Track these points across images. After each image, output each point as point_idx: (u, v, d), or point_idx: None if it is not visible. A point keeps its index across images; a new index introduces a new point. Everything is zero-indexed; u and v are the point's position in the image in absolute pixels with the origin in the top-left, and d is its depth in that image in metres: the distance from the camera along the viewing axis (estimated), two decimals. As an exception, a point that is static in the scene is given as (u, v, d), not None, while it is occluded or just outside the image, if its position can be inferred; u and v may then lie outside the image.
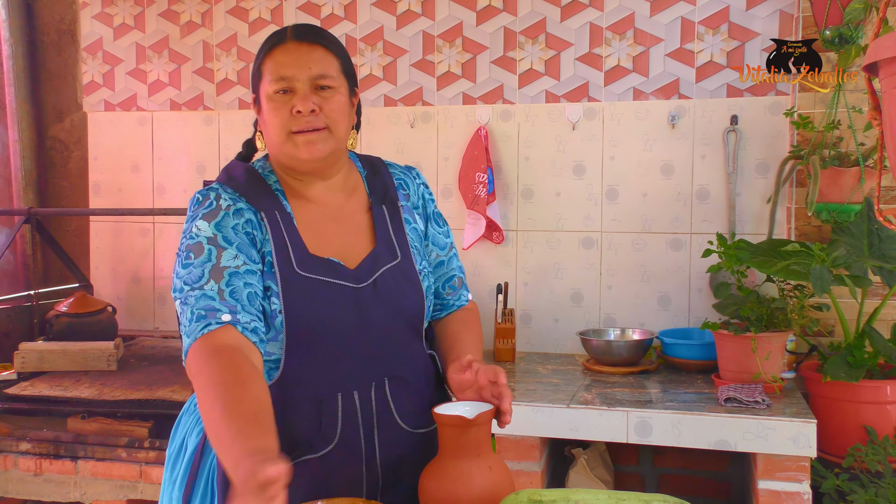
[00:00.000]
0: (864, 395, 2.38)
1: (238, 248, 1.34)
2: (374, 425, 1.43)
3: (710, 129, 2.95)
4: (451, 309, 1.64)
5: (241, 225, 1.38)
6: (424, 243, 1.58)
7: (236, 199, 1.41)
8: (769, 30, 2.88)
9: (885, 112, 1.25)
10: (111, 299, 3.55)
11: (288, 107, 1.39)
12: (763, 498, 2.22)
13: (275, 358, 1.38)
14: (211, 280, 1.30)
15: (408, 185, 1.58)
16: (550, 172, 3.12)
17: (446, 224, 1.64)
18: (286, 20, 3.38)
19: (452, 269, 1.63)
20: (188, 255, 1.34)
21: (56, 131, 3.75)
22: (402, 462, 1.45)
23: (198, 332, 1.27)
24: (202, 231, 1.35)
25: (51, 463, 2.67)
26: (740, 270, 2.54)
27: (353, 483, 1.42)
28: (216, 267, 1.31)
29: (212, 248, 1.33)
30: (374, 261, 1.45)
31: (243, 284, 1.31)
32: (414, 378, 1.49)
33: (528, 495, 1.27)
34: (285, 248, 1.39)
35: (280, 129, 1.40)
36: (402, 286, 1.46)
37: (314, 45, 1.42)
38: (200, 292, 1.30)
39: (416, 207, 1.58)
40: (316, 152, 1.41)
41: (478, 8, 3.18)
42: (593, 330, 2.99)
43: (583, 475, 2.65)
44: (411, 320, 1.48)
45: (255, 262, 1.35)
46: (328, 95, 1.41)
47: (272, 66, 1.42)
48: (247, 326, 1.29)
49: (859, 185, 2.52)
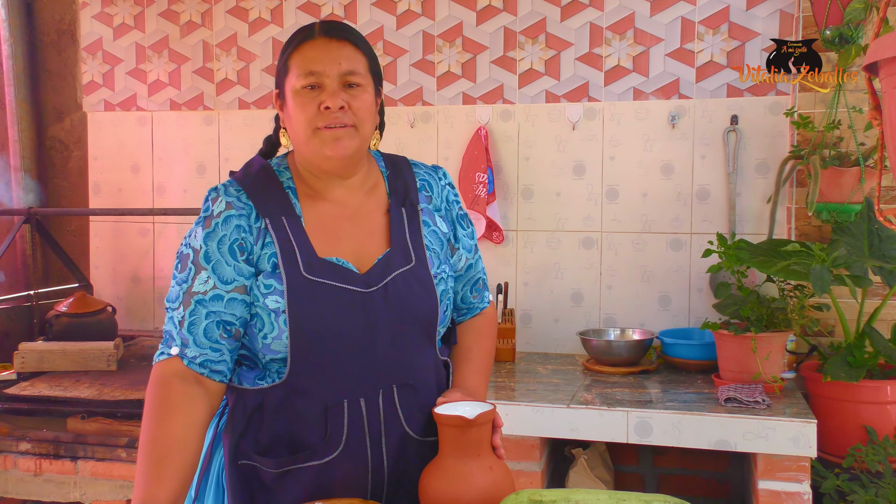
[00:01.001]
0: (865, 395, 2.38)
1: (213, 268, 1.36)
2: (382, 433, 1.41)
3: (710, 129, 2.95)
4: (474, 311, 1.63)
5: (229, 235, 1.37)
6: (454, 247, 1.55)
7: (235, 201, 1.39)
8: (769, 30, 2.88)
9: (886, 112, 1.25)
10: (111, 299, 3.55)
11: (315, 102, 1.37)
12: (763, 498, 2.22)
13: (281, 357, 1.37)
14: (181, 306, 1.37)
15: (431, 187, 1.54)
16: (550, 172, 3.11)
17: (471, 224, 1.61)
18: (286, 20, 3.38)
19: (478, 272, 1.62)
20: (177, 264, 1.40)
21: (56, 131, 3.75)
22: (408, 471, 1.44)
23: (156, 358, 1.39)
24: (194, 241, 1.39)
25: (51, 463, 2.67)
26: (740, 270, 2.54)
27: (358, 491, 1.41)
28: (189, 291, 1.36)
29: (192, 268, 1.37)
30: (386, 265, 1.42)
31: (205, 315, 1.35)
32: (424, 385, 1.45)
33: (528, 495, 1.27)
34: (292, 252, 1.37)
35: (307, 124, 1.38)
36: (414, 291, 1.42)
37: (343, 42, 1.40)
38: (170, 314, 1.39)
39: (438, 210, 1.53)
40: (342, 149, 1.38)
41: (478, 8, 3.18)
42: (593, 330, 2.99)
43: (583, 475, 2.65)
44: (423, 326, 1.44)
45: (227, 282, 1.36)
46: (356, 93, 1.39)
47: (300, 60, 1.39)
48: (193, 360, 1.35)
49: (859, 185, 2.52)
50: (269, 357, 1.38)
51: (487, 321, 1.65)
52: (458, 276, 1.58)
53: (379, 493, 1.43)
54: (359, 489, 1.41)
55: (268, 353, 1.38)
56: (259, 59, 3.44)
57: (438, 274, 1.47)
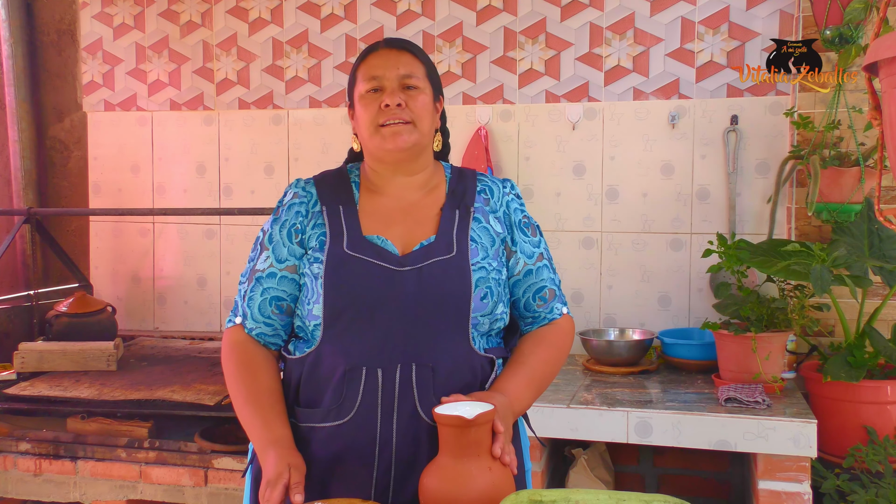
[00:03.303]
0: (865, 396, 2.38)
1: (273, 249, 1.56)
2: (395, 408, 1.45)
3: (710, 129, 2.95)
4: (541, 322, 1.62)
5: (290, 220, 1.56)
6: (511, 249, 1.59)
7: (301, 191, 1.59)
8: (769, 30, 2.88)
9: (885, 112, 1.25)
10: (111, 299, 3.55)
11: (377, 103, 1.53)
12: (763, 498, 2.22)
13: (319, 322, 1.49)
14: (246, 281, 1.57)
15: (492, 192, 1.62)
16: (550, 172, 3.11)
17: (540, 235, 1.65)
18: (286, 20, 3.39)
19: (543, 280, 1.61)
20: (254, 245, 1.60)
21: (56, 131, 3.75)
22: (417, 458, 1.45)
23: (226, 323, 1.60)
24: (266, 226, 1.59)
25: (50, 463, 2.67)
26: (740, 270, 2.53)
27: (364, 463, 1.45)
28: (253, 269, 1.57)
29: (258, 248, 1.58)
30: (427, 251, 1.50)
31: (261, 291, 1.55)
32: (445, 371, 1.48)
33: (528, 495, 1.27)
34: (340, 232, 1.52)
35: (370, 122, 1.53)
36: (449, 275, 1.49)
37: (402, 51, 1.58)
38: (240, 286, 1.59)
39: (494, 212, 1.60)
40: (401, 142, 1.52)
41: (478, 8, 3.18)
42: (593, 330, 2.99)
43: (583, 475, 2.65)
44: (454, 310, 1.48)
45: (282, 261, 1.55)
46: (413, 94, 1.55)
47: (365, 69, 1.57)
48: (251, 330, 1.55)
49: (859, 185, 2.52)
50: (313, 324, 1.50)
51: (555, 331, 1.62)
52: (517, 280, 1.60)
53: (386, 477, 1.46)
54: (365, 465, 1.45)
55: (311, 320, 1.50)
56: (259, 59, 3.44)
57: (479, 262, 1.52)
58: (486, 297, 1.51)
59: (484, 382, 1.53)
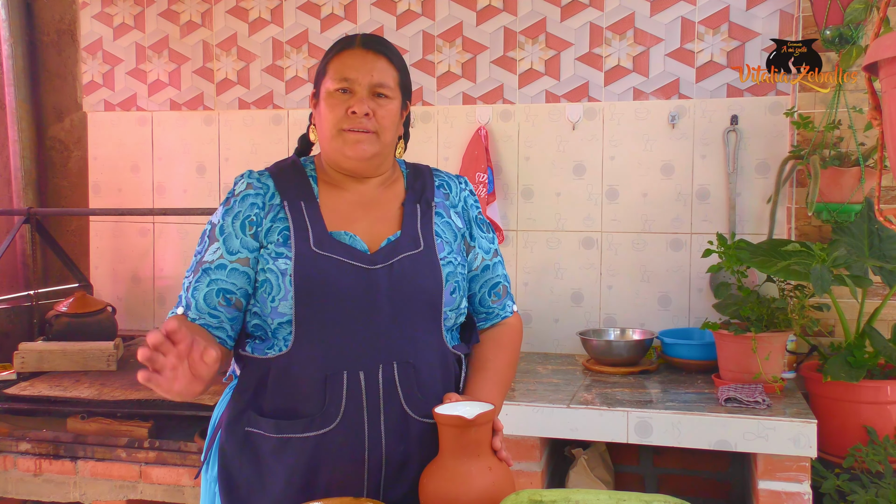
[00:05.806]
0: (865, 396, 2.38)
1: (224, 240, 1.48)
2: (381, 410, 1.43)
3: (710, 129, 2.95)
4: (494, 319, 1.65)
5: (243, 212, 1.49)
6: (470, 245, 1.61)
7: (255, 182, 1.51)
8: (769, 30, 2.88)
9: (886, 112, 1.25)
10: (111, 299, 3.55)
11: (344, 106, 1.49)
12: (763, 498, 2.22)
13: (287, 319, 1.43)
14: (192, 273, 1.49)
15: (450, 187, 1.63)
16: (550, 172, 3.11)
17: (492, 231, 1.67)
18: (286, 20, 3.39)
19: (497, 276, 1.64)
20: (200, 238, 1.53)
21: (56, 131, 3.75)
22: (410, 455, 1.45)
23: (169, 314, 1.47)
24: (214, 218, 1.52)
25: (50, 463, 2.67)
26: (740, 270, 2.53)
27: (355, 466, 1.42)
28: (200, 261, 1.49)
29: (207, 241, 1.50)
30: (394, 247, 1.49)
31: (208, 282, 1.46)
32: (426, 367, 1.48)
33: (528, 495, 1.27)
34: (305, 228, 1.46)
35: (333, 124, 1.50)
36: (419, 270, 1.48)
37: (379, 56, 1.53)
38: (185, 280, 1.51)
39: (454, 206, 1.61)
40: (361, 152, 1.49)
41: (478, 8, 3.18)
42: (593, 330, 2.98)
43: (583, 475, 2.65)
44: (428, 304, 1.48)
45: (233, 252, 1.47)
46: (382, 103, 1.51)
47: (337, 66, 1.51)
48: (194, 321, 1.45)
49: (859, 185, 2.52)
50: (277, 322, 1.43)
51: (508, 331, 1.66)
52: (475, 275, 1.62)
53: (377, 475, 1.44)
54: (355, 465, 1.42)
55: (276, 317, 1.43)
56: (259, 59, 3.44)
57: (446, 258, 1.52)
58: (455, 292, 1.53)
59: (457, 379, 1.55)
